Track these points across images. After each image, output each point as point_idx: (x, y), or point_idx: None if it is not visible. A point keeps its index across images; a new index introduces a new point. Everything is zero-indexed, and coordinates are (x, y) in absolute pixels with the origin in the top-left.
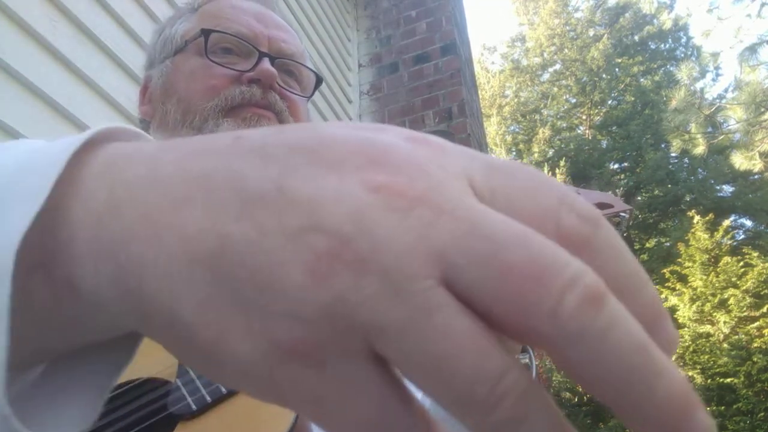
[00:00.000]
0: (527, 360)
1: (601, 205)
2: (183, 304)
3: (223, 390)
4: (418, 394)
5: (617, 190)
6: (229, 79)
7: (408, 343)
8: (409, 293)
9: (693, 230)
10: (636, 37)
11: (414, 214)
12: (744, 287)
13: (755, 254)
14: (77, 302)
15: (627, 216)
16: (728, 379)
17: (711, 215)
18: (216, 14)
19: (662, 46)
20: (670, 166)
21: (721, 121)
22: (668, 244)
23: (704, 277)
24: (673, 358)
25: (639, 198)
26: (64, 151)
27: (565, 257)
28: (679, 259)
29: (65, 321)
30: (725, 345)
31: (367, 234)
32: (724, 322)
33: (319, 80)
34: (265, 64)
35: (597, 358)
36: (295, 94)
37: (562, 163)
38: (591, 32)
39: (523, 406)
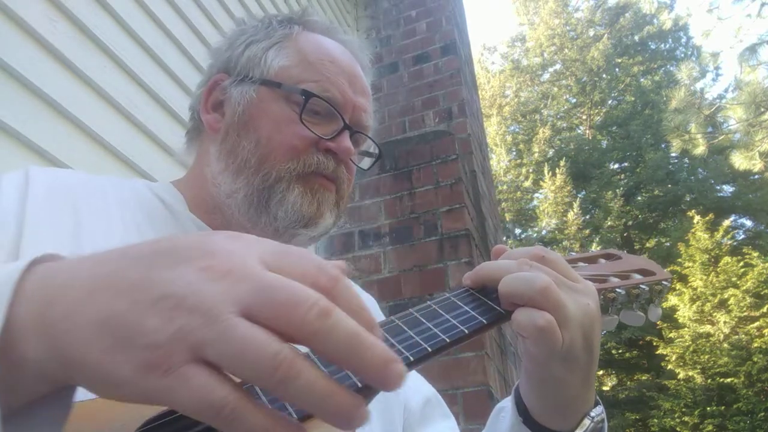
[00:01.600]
0: (601, 413)
1: (644, 272)
2: (90, 352)
3: None
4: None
5: (617, 190)
6: (309, 142)
7: (223, 346)
8: (220, 321)
9: (693, 230)
10: (636, 37)
11: (224, 280)
12: (744, 287)
13: (755, 254)
14: (23, 369)
15: (668, 284)
16: (728, 379)
17: (711, 215)
18: (315, 65)
19: (662, 46)
20: (670, 166)
21: (721, 121)
22: (668, 244)
23: (704, 277)
24: (674, 357)
25: (639, 198)
26: (10, 277)
27: (310, 293)
28: (679, 259)
29: (15, 383)
30: (725, 345)
31: (196, 293)
32: (724, 322)
33: (380, 154)
34: (346, 140)
35: (329, 342)
36: (358, 167)
37: (562, 162)
38: (591, 32)
39: (294, 370)
